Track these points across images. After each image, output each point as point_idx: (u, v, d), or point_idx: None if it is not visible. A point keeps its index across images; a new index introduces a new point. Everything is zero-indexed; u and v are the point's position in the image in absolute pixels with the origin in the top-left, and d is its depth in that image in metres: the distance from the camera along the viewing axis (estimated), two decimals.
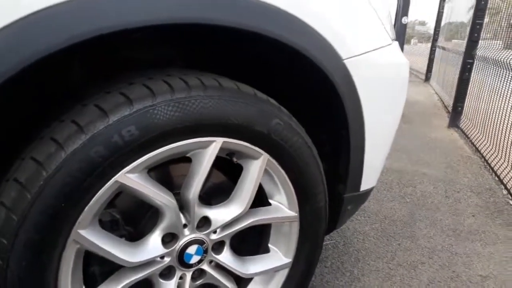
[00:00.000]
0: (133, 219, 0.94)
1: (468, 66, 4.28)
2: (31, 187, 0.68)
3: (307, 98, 1.15)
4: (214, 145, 0.88)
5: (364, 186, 1.25)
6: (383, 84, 1.16)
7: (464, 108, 4.42)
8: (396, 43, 1.27)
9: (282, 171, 1.01)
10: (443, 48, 7.12)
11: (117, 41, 0.87)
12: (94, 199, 0.75)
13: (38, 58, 0.62)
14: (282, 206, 1.08)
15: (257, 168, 0.97)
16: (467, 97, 4.39)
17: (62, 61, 0.85)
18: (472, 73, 4.30)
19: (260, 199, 1.08)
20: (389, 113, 1.22)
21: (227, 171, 1.09)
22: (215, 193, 1.06)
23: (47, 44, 0.62)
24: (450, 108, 4.85)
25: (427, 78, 8.61)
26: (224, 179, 1.10)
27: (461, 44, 5.19)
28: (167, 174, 0.98)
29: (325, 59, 0.94)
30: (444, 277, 1.72)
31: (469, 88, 4.35)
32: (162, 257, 0.91)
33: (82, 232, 0.76)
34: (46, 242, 0.72)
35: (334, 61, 0.97)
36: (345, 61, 1.00)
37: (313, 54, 0.91)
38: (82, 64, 0.96)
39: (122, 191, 0.83)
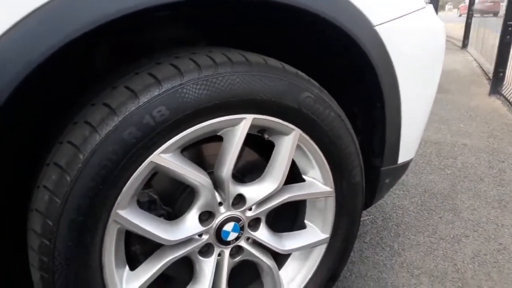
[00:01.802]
0: (170, 198, 0.95)
1: (510, 28, 4.01)
2: (71, 170, 0.71)
3: (337, 69, 1.11)
4: (244, 122, 0.87)
5: (401, 159, 1.21)
6: (419, 50, 1.10)
7: (507, 74, 4.17)
8: (431, 6, 1.20)
9: (315, 146, 0.99)
10: (481, 12, 6.69)
11: (139, 22, 0.87)
12: (130, 180, 0.76)
13: (74, 37, 0.63)
14: (317, 181, 1.07)
15: (289, 144, 0.95)
16: (509, 61, 4.12)
17: (89, 45, 0.86)
18: None
19: (294, 176, 1.07)
20: (426, 81, 1.16)
21: (260, 149, 1.08)
22: (249, 171, 1.06)
23: (83, 23, 0.63)
24: (490, 75, 4.59)
25: (464, 45, 8.17)
26: (257, 156, 1.09)
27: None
28: (200, 154, 0.99)
29: (354, 26, 0.90)
30: (490, 250, 1.66)
31: (511, 52, 4.09)
32: (200, 235, 0.92)
33: (122, 212, 0.78)
34: (88, 223, 0.74)
35: (364, 28, 0.93)
36: (376, 28, 0.96)
37: (341, 21, 0.87)
38: (108, 47, 0.97)
39: (157, 171, 0.84)
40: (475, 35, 7.32)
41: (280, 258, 1.14)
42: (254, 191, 0.97)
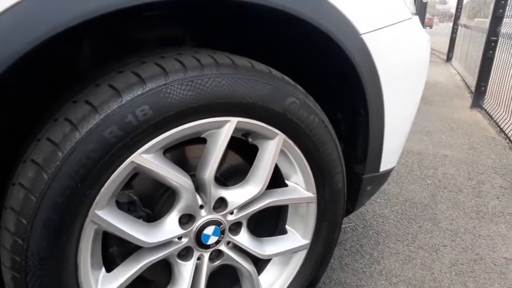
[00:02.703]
0: (150, 200, 0.94)
1: (492, 44, 4.12)
2: (48, 168, 0.69)
3: (322, 76, 1.12)
4: (229, 125, 0.87)
5: (384, 167, 1.22)
6: (404, 60, 1.12)
7: (488, 88, 4.28)
8: (417, 17, 1.22)
9: (299, 151, 1.00)
10: (466, 27, 6.87)
11: (127, 20, 0.86)
12: (110, 179, 0.75)
13: (52, 34, 0.61)
14: (299, 187, 1.07)
15: (273, 148, 0.95)
16: (491, 76, 4.23)
17: (73, 42, 0.85)
18: (497, 51, 4.14)
19: (277, 180, 1.07)
20: (409, 91, 1.18)
21: (243, 153, 1.08)
22: (231, 175, 1.06)
23: (60, 20, 0.62)
24: (473, 88, 4.70)
25: (449, 58, 8.35)
26: (240, 160, 1.08)
27: (483, 22, 4.99)
28: (183, 156, 0.98)
29: (341, 33, 0.91)
30: (467, 260, 1.69)
31: (493, 67, 4.20)
32: (179, 237, 0.91)
33: (100, 212, 0.77)
34: (64, 222, 0.72)
35: (351, 35, 0.94)
36: (362, 36, 0.97)
37: (328, 28, 0.88)
38: (92, 45, 0.96)
39: (138, 172, 0.83)
40: (459, 49, 7.49)
41: (260, 263, 1.14)
42: (236, 195, 0.97)
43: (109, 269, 0.87)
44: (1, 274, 0.77)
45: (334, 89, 1.13)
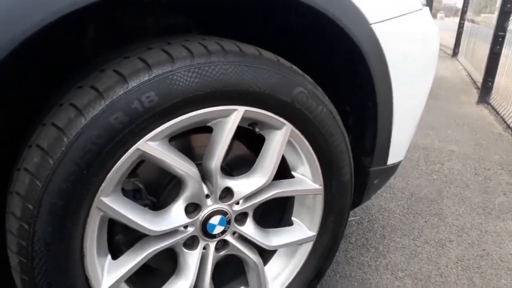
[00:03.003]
0: (155, 188, 0.93)
1: (500, 39, 4.07)
2: (53, 153, 0.68)
3: (331, 66, 1.10)
4: (236, 114, 0.86)
5: (391, 160, 1.21)
6: (413, 51, 1.10)
7: (495, 84, 4.23)
8: (427, 8, 1.20)
9: (306, 142, 0.99)
10: (473, 21, 6.79)
11: (130, 6, 0.85)
12: (115, 166, 0.74)
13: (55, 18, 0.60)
14: (306, 178, 1.06)
15: (280, 138, 0.94)
16: (498, 71, 4.18)
17: (77, 28, 0.84)
18: (504, 47, 4.08)
19: (283, 171, 1.06)
20: (419, 82, 1.16)
21: (249, 143, 1.07)
22: (237, 165, 1.05)
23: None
24: (479, 84, 4.65)
25: (455, 53, 8.26)
26: (246, 150, 1.08)
27: (490, 17, 4.93)
28: (189, 144, 0.97)
29: (350, 22, 0.89)
30: (474, 255, 1.67)
31: (500, 62, 4.14)
32: (185, 226, 0.90)
33: (105, 199, 0.76)
34: (70, 208, 0.72)
35: (361, 25, 0.92)
36: (372, 26, 0.95)
37: (337, 16, 0.86)
38: (97, 32, 0.95)
39: (144, 159, 0.82)
40: (465, 44, 7.42)
41: (266, 254, 1.13)
42: (242, 185, 0.96)
43: (114, 256, 0.87)
44: (8, 259, 0.77)
45: (343, 80, 1.12)
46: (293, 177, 1.07)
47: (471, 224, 1.91)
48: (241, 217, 1.02)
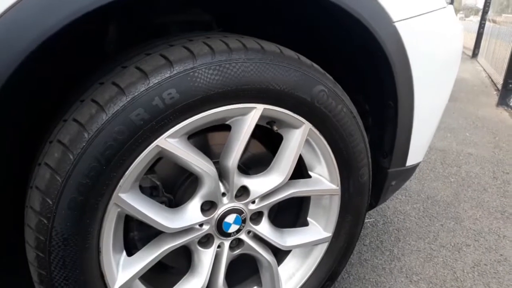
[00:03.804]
0: (172, 186, 0.93)
1: None
2: (74, 148, 0.68)
3: (352, 64, 1.08)
4: (254, 112, 0.85)
5: (410, 161, 1.18)
6: (436, 50, 1.07)
7: None
8: (451, 7, 1.17)
9: (324, 142, 0.97)
10: (494, 22, 6.64)
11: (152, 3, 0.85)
12: (135, 163, 0.74)
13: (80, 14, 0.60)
14: (323, 178, 1.04)
15: (298, 138, 0.93)
16: None
17: (100, 25, 0.84)
18: None
19: (300, 171, 1.05)
20: (441, 82, 1.13)
21: (265, 141, 1.06)
22: (253, 163, 1.04)
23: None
24: (499, 86, 4.55)
25: (474, 54, 8.11)
26: (263, 149, 1.07)
27: None
28: (206, 142, 0.96)
29: (374, 20, 0.88)
30: (491, 260, 1.64)
31: None
32: (201, 224, 0.90)
33: (123, 196, 0.76)
34: (89, 204, 0.72)
35: (384, 22, 0.90)
36: (396, 24, 0.93)
37: (360, 13, 0.85)
38: (119, 28, 0.95)
39: (162, 156, 0.82)
40: (486, 45, 7.27)
41: (280, 254, 1.12)
42: (258, 184, 0.95)
43: (129, 253, 0.87)
44: (25, 253, 0.77)
45: (364, 78, 1.10)
46: (310, 177, 1.05)
47: (489, 229, 1.87)
48: (257, 216, 1.01)
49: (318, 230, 1.11)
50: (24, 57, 0.60)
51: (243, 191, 0.94)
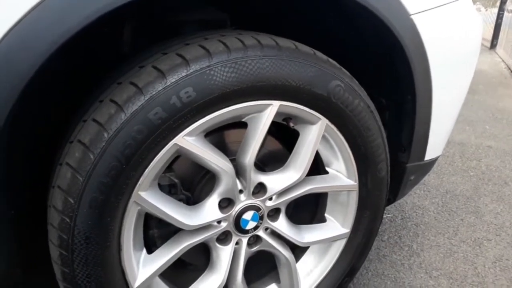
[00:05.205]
0: (190, 183, 0.94)
1: None
2: (94, 148, 0.69)
3: (368, 58, 1.07)
4: (271, 109, 0.84)
5: (429, 155, 1.17)
6: (454, 43, 1.05)
7: None
8: None
9: (341, 137, 0.96)
10: None
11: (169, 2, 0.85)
12: (154, 161, 0.75)
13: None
14: (340, 174, 1.04)
15: (314, 133, 0.92)
16: None
17: (116, 24, 0.85)
18: None
19: (317, 167, 1.04)
20: (459, 75, 1.11)
21: (281, 138, 1.06)
22: (270, 160, 1.04)
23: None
24: None
25: (493, 45, 7.92)
26: (279, 146, 1.06)
27: None
28: (223, 140, 0.97)
29: (390, 12, 0.86)
30: None
31: None
32: (219, 221, 0.91)
33: (143, 194, 0.77)
34: (109, 203, 0.73)
35: (401, 16, 0.89)
36: (412, 16, 0.91)
37: (376, 6, 0.83)
38: (134, 28, 0.96)
39: (180, 154, 0.82)
40: (504, 36, 7.09)
41: (297, 251, 1.12)
42: (275, 181, 0.95)
43: (149, 250, 0.88)
44: (46, 252, 0.79)
45: (381, 73, 1.08)
46: (327, 173, 1.05)
47: (510, 223, 1.83)
48: (274, 213, 1.01)
49: (336, 226, 1.10)
50: (45, 58, 0.61)
51: (260, 188, 0.95)
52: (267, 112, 0.85)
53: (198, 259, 1.01)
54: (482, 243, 1.68)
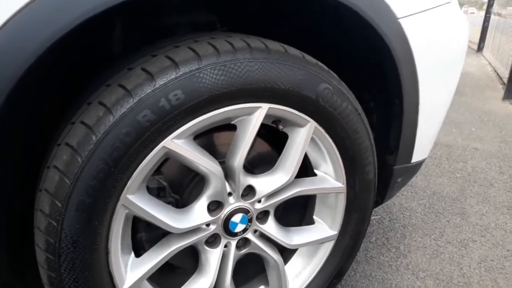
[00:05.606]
0: (179, 186, 0.94)
1: None
2: (82, 151, 0.69)
3: (356, 62, 1.08)
4: (260, 112, 0.85)
5: (415, 158, 1.18)
6: (441, 46, 1.07)
7: None
8: (456, 1, 1.16)
9: (330, 140, 0.97)
10: (499, 15, 6.59)
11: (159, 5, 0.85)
12: (142, 164, 0.75)
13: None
14: (328, 176, 1.04)
15: (303, 136, 0.93)
16: None
17: (106, 25, 0.84)
18: None
19: (305, 170, 1.05)
20: (446, 78, 1.13)
21: (271, 140, 1.06)
22: (259, 163, 1.04)
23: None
24: (505, 80, 4.52)
25: (480, 48, 8.05)
26: (268, 148, 1.07)
27: None
28: (212, 142, 0.97)
29: (378, 17, 0.87)
30: (498, 256, 1.63)
31: None
32: (207, 224, 0.90)
33: (131, 197, 0.77)
34: (97, 206, 0.73)
35: (388, 19, 0.90)
36: (400, 20, 0.92)
37: (364, 10, 0.84)
38: (124, 30, 0.95)
39: (169, 157, 0.82)
40: (491, 39, 7.21)
41: (286, 253, 1.12)
42: (264, 183, 0.95)
43: (137, 254, 0.88)
44: (35, 255, 0.78)
45: (368, 76, 1.09)
46: (315, 175, 1.05)
47: (495, 224, 1.86)
48: (263, 215, 1.01)
49: (324, 228, 1.11)
50: (34, 59, 0.60)
51: (249, 191, 0.95)
52: (256, 114, 0.85)
53: (187, 262, 1.01)
54: (467, 244, 1.71)
